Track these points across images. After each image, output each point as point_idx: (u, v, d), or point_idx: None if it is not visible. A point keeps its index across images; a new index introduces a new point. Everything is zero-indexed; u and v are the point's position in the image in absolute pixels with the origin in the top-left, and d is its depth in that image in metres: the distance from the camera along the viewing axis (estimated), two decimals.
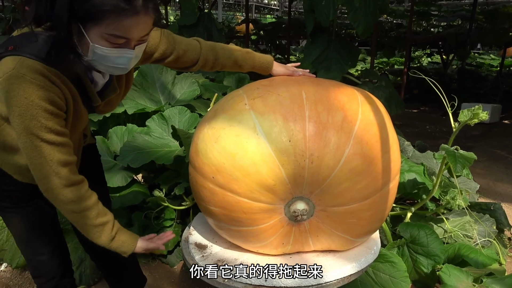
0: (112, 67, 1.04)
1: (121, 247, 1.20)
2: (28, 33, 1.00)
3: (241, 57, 1.52)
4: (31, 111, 0.97)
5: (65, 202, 1.08)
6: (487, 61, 10.17)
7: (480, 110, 1.51)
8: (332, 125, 1.23)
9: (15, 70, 0.95)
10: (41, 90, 0.97)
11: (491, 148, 4.20)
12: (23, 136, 1.00)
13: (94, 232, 1.15)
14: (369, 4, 3.29)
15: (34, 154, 1.02)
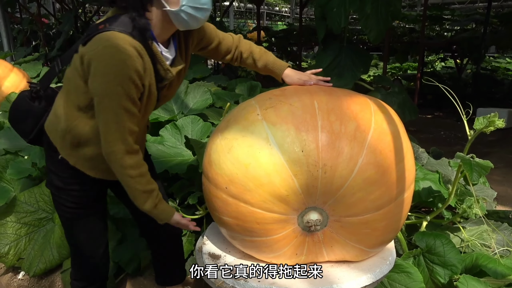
0: (199, 9, 1.19)
1: (161, 214, 1.32)
2: (112, 16, 1.17)
3: (258, 53, 1.57)
4: (119, 78, 1.10)
5: (124, 166, 1.19)
6: (503, 65, 10.01)
7: (496, 117, 1.49)
8: (345, 135, 1.22)
9: (109, 41, 1.09)
10: (129, 60, 1.10)
11: (508, 154, 4.11)
12: (105, 100, 1.12)
13: (141, 197, 1.26)
14: (381, 10, 3.28)
15: (110, 118, 1.14)
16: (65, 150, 1.30)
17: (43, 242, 2.22)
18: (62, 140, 1.29)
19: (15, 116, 1.40)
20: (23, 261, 2.22)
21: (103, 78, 1.11)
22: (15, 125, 1.42)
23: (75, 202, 1.37)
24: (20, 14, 9.76)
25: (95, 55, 1.11)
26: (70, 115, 1.26)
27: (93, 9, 9.91)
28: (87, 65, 1.14)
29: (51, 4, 11.52)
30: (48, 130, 1.33)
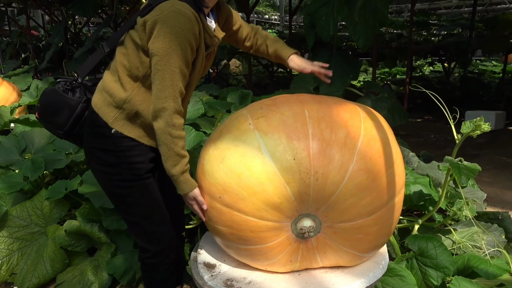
0: None
1: (185, 183, 1.32)
2: None
3: (271, 40, 1.66)
4: (179, 40, 1.20)
5: (170, 124, 1.25)
6: (489, 68, 10.18)
7: (482, 121, 1.52)
8: (336, 142, 1.25)
9: (173, 7, 1.21)
10: (190, 23, 1.22)
11: (497, 155, 4.18)
12: (164, 59, 1.20)
13: (174, 159, 1.28)
14: (369, 18, 3.33)
15: (166, 76, 1.22)
16: (119, 121, 1.35)
17: (36, 257, 2.21)
18: (119, 112, 1.34)
19: (49, 109, 1.43)
20: (15, 276, 2.19)
21: (165, 38, 1.20)
22: (49, 118, 1.43)
23: (134, 174, 1.38)
24: (9, 27, 9.72)
25: (160, 18, 1.20)
26: (128, 87, 1.33)
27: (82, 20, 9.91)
28: (150, 28, 1.23)
29: (40, 16, 11.50)
30: (98, 107, 1.37)
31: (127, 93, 1.33)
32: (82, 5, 5.94)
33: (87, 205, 2.19)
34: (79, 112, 1.42)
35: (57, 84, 1.45)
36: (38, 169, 2.40)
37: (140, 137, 1.38)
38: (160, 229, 1.49)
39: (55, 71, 8.25)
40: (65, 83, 1.43)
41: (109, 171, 1.39)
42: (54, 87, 1.45)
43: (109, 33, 11.43)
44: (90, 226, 2.08)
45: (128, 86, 1.33)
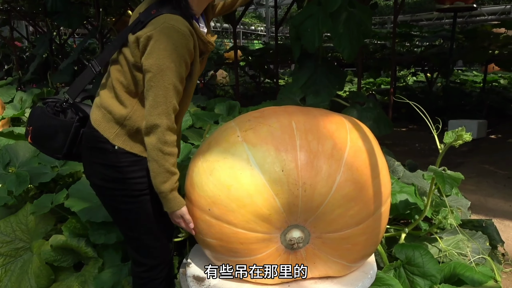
0: None
1: (173, 201, 1.31)
2: (157, 1, 1.26)
3: None
4: (173, 56, 1.19)
5: (162, 141, 1.23)
6: (470, 78, 10.45)
7: (464, 131, 1.57)
8: (323, 153, 1.27)
9: (166, 22, 1.19)
10: (184, 39, 1.20)
11: (480, 163, 4.27)
12: (158, 76, 1.19)
13: (163, 176, 1.26)
14: (353, 30, 3.40)
15: (159, 93, 1.20)
16: (121, 137, 1.33)
17: (21, 273, 2.16)
18: (120, 128, 1.33)
19: (42, 134, 1.41)
20: None
21: (159, 55, 1.18)
22: (44, 144, 1.43)
23: (139, 189, 1.37)
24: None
25: (153, 34, 1.19)
26: (127, 103, 1.32)
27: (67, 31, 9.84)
28: (143, 44, 1.21)
29: (24, 27, 11.38)
30: (97, 124, 1.35)
31: (127, 109, 1.32)
32: (68, 17, 5.91)
33: (73, 219, 2.15)
34: (74, 133, 1.41)
35: (45, 106, 1.41)
36: (23, 183, 2.35)
37: (142, 152, 1.36)
38: (159, 244, 1.48)
39: (39, 83, 8.16)
40: (54, 104, 1.40)
41: (111, 186, 1.38)
42: (43, 109, 1.41)
43: (94, 44, 11.39)
44: (76, 240, 2.05)
45: (127, 103, 1.32)
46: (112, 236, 2.04)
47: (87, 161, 1.42)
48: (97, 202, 2.20)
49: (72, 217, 2.19)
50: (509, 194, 3.36)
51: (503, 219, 2.87)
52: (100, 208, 2.12)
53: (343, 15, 3.37)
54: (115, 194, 1.39)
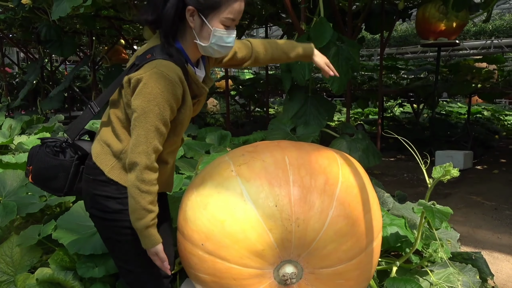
0: (223, 47, 1.34)
1: (147, 238, 1.30)
2: (155, 46, 1.31)
3: (286, 48, 1.69)
4: (158, 100, 1.23)
5: (139, 179, 1.25)
6: (455, 109, 10.73)
7: (451, 167, 1.61)
8: (316, 188, 1.29)
9: (156, 68, 1.24)
10: (171, 85, 1.24)
11: (467, 194, 4.33)
12: (142, 117, 1.24)
13: (139, 213, 1.27)
14: (342, 64, 3.51)
15: (141, 133, 1.24)
16: (116, 170, 1.37)
17: None
18: (116, 161, 1.37)
19: (43, 175, 1.45)
20: None
21: (145, 97, 1.23)
22: (45, 184, 1.47)
23: None
24: None
25: (143, 77, 1.24)
26: (123, 138, 1.36)
27: (59, 58, 9.92)
28: (133, 85, 1.27)
29: (15, 53, 11.43)
30: (95, 156, 1.40)
31: (123, 144, 1.36)
32: (61, 45, 5.97)
33: (60, 251, 2.10)
34: (74, 171, 1.44)
35: (45, 146, 1.45)
36: (10, 213, 2.31)
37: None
38: (153, 278, 1.46)
39: (28, 109, 8.12)
40: (54, 145, 1.44)
41: (111, 218, 1.38)
42: (42, 149, 1.44)
43: (85, 72, 11.46)
44: (64, 274, 2.00)
45: (123, 137, 1.36)
46: (100, 270, 1.99)
47: (88, 194, 1.43)
48: (86, 234, 2.17)
49: (59, 249, 2.15)
50: (497, 226, 3.40)
51: (492, 251, 2.89)
52: (89, 240, 2.09)
53: (332, 50, 3.49)
54: (115, 225, 1.39)
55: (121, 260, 1.47)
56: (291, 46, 1.71)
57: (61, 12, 4.06)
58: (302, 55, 1.72)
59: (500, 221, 3.50)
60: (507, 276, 2.54)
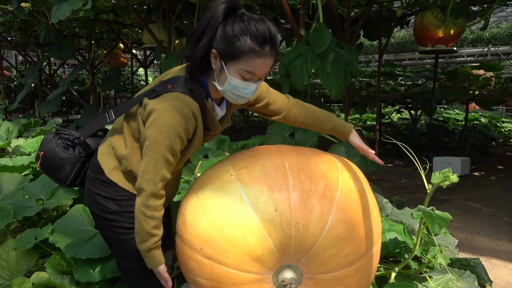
0: (238, 96, 1.32)
1: (150, 259, 1.34)
2: (179, 76, 1.33)
3: (323, 117, 1.64)
4: (169, 133, 1.25)
5: (145, 204, 1.28)
6: (453, 116, 10.78)
7: (450, 172, 1.61)
8: (315, 193, 1.29)
9: (173, 101, 1.26)
10: (184, 120, 1.26)
11: (465, 201, 4.33)
12: (152, 147, 1.26)
13: (143, 236, 1.31)
14: (340, 69, 3.53)
15: (150, 162, 1.27)
16: (116, 172, 1.41)
17: None
18: (118, 164, 1.41)
19: (51, 165, 1.50)
20: None
21: (157, 128, 1.25)
22: (51, 173, 1.53)
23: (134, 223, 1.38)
24: None
25: (157, 108, 1.26)
26: (129, 145, 1.40)
27: (57, 61, 9.91)
28: (148, 112, 1.29)
29: (13, 56, 11.42)
30: (100, 155, 1.45)
31: (127, 150, 1.39)
32: (60, 49, 5.97)
33: (57, 255, 2.09)
34: (80, 166, 1.50)
35: (58, 137, 1.51)
36: (6, 217, 2.29)
37: (134, 190, 1.40)
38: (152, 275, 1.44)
39: (25, 112, 8.10)
40: (66, 138, 1.50)
41: (110, 218, 1.42)
42: (55, 139, 1.50)
43: (83, 75, 11.45)
44: (60, 278, 1.98)
45: (129, 144, 1.39)
46: (98, 274, 1.98)
47: (89, 191, 1.47)
48: (83, 238, 2.15)
49: (56, 253, 2.13)
50: (495, 232, 3.40)
51: (490, 258, 2.89)
52: (86, 244, 2.07)
53: (331, 55, 3.50)
54: (114, 225, 1.43)
55: (121, 258, 1.50)
56: (329, 118, 1.64)
57: (60, 15, 4.06)
58: (338, 130, 1.64)
59: (497, 228, 3.50)
60: (505, 283, 2.53)
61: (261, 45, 1.23)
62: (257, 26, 1.24)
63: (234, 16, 1.26)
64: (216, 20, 1.24)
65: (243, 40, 1.23)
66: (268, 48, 1.25)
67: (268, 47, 1.25)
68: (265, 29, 1.24)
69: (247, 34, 1.23)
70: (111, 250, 1.55)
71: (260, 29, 1.23)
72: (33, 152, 3.70)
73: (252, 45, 1.23)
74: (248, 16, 1.26)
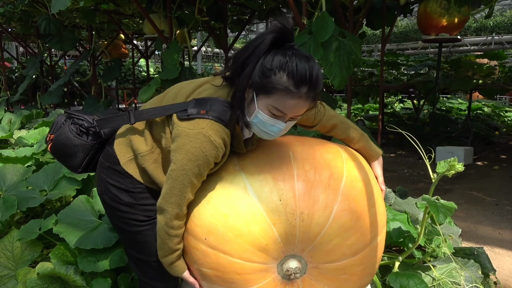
0: (264, 132, 1.26)
1: (172, 269, 1.37)
2: (216, 100, 1.24)
3: (354, 136, 1.54)
4: (199, 162, 1.22)
5: (168, 225, 1.28)
6: (456, 106, 10.72)
7: (456, 161, 1.60)
8: (320, 183, 1.28)
9: (205, 130, 1.20)
10: (215, 150, 1.22)
11: (468, 190, 4.32)
12: (178, 171, 1.23)
13: (166, 251, 1.33)
14: (343, 59, 3.49)
15: (176, 186, 1.24)
16: (132, 164, 1.38)
17: None
18: (134, 156, 1.37)
19: (63, 151, 1.45)
20: None
21: (186, 155, 1.21)
22: (62, 159, 1.49)
23: (147, 216, 1.40)
24: None
25: (189, 134, 1.21)
26: (149, 143, 1.35)
27: (58, 52, 9.88)
28: (177, 134, 1.24)
29: (14, 48, 11.38)
30: (117, 145, 1.40)
31: (147, 147, 1.35)
32: (61, 40, 5.93)
33: (61, 246, 2.09)
34: (93, 154, 1.46)
35: (71, 122, 1.45)
36: (10, 208, 2.30)
37: (150, 183, 1.39)
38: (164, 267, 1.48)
39: (27, 103, 8.09)
40: (81, 124, 1.44)
41: (122, 209, 1.40)
42: (68, 124, 1.44)
43: (85, 66, 11.41)
44: (65, 268, 1.98)
45: (149, 142, 1.36)
46: (102, 264, 1.99)
47: (102, 180, 1.43)
48: (87, 228, 2.16)
49: (60, 243, 2.14)
50: (498, 221, 3.39)
51: (494, 247, 2.89)
52: (90, 234, 2.08)
53: (334, 44, 3.47)
54: (125, 216, 1.41)
55: (134, 249, 1.48)
56: (360, 139, 1.54)
57: (60, 5, 4.02)
58: (365, 151, 1.54)
59: (501, 217, 3.50)
60: (509, 272, 2.54)
61: (297, 85, 1.14)
62: (298, 63, 1.14)
63: (279, 48, 1.18)
64: (262, 50, 1.16)
65: (279, 75, 1.14)
66: (305, 90, 1.15)
67: (306, 89, 1.15)
68: (306, 69, 1.14)
69: (285, 70, 1.14)
70: (123, 241, 1.53)
71: (301, 67, 1.13)
72: (35, 144, 3.70)
73: (287, 83, 1.14)
74: (293, 50, 1.17)
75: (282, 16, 1.19)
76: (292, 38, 1.20)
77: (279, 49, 1.17)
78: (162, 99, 1.38)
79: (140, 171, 1.38)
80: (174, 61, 4.83)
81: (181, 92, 1.33)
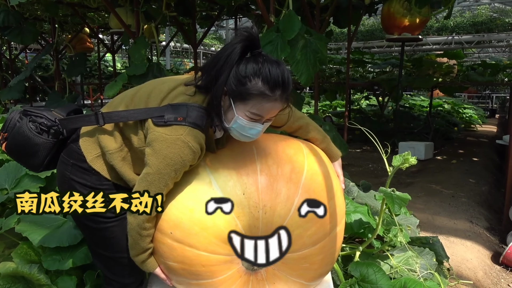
0: (244, 135, 1.31)
1: (144, 266, 1.39)
2: (192, 107, 1.27)
3: (318, 138, 1.62)
4: (176, 166, 1.24)
5: (141, 226, 1.30)
6: (418, 102, 11.17)
7: (410, 155, 1.71)
8: (282, 177, 1.33)
9: (183, 136, 1.23)
10: (192, 155, 1.25)
11: (427, 183, 4.55)
12: (154, 175, 1.25)
13: (137, 251, 1.35)
14: (310, 57, 3.58)
15: (152, 189, 1.26)
16: (99, 161, 1.38)
17: None
18: (101, 153, 1.37)
19: (20, 151, 1.40)
20: None
21: (164, 160, 1.23)
22: (21, 158, 1.44)
23: (113, 212, 1.36)
24: None
25: (166, 139, 1.23)
26: (118, 140, 1.35)
27: (19, 46, 9.47)
28: (153, 138, 1.25)
29: None
30: (83, 141, 1.38)
31: (116, 145, 1.34)
32: (21, 33, 5.69)
33: (24, 245, 2.05)
34: (55, 152, 1.42)
35: (28, 119, 1.38)
36: None
37: (117, 180, 1.39)
38: (132, 262, 1.46)
39: None
40: (41, 122, 1.38)
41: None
42: (25, 122, 1.37)
43: (48, 60, 10.99)
44: (28, 267, 1.95)
45: (118, 140, 1.35)
46: (67, 262, 1.97)
47: (65, 177, 1.40)
48: (51, 227, 2.13)
49: (23, 242, 2.09)
50: (454, 212, 3.60)
51: (448, 236, 3.07)
52: (55, 232, 2.05)
53: (300, 42, 3.54)
54: (94, 214, 1.36)
55: (100, 247, 1.47)
56: (322, 141, 1.63)
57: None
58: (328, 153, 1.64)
59: (456, 208, 3.71)
60: (461, 259, 2.71)
61: (272, 89, 1.21)
62: (271, 69, 1.21)
63: (250, 56, 1.24)
64: (234, 59, 1.21)
65: (254, 82, 1.20)
66: (279, 93, 1.22)
67: (280, 92, 1.22)
68: (278, 73, 1.21)
69: (259, 76, 1.20)
70: (88, 239, 1.51)
71: (273, 72, 1.21)
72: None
73: (263, 88, 1.20)
74: (263, 57, 1.23)
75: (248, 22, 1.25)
76: (259, 45, 1.26)
77: (250, 57, 1.24)
78: (133, 98, 1.37)
79: (107, 168, 1.38)
80: (141, 56, 4.76)
81: (154, 93, 1.34)
